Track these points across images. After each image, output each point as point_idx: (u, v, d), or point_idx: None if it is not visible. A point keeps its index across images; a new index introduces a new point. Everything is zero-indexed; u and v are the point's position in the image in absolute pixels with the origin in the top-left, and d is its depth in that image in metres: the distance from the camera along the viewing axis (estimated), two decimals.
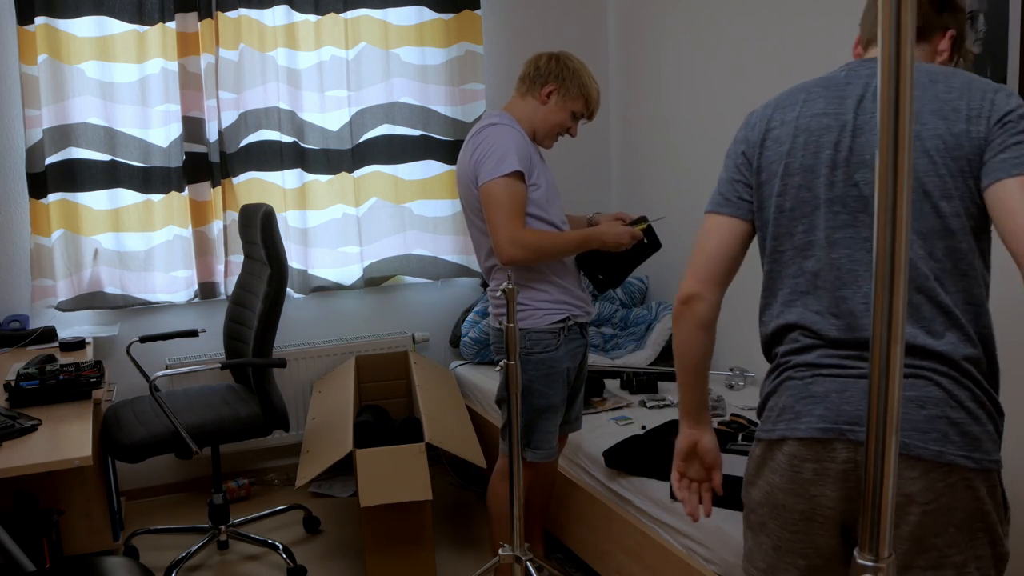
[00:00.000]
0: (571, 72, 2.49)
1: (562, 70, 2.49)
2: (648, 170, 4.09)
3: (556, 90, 2.49)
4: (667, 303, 3.86)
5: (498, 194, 2.35)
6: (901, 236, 0.81)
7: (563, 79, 2.49)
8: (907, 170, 0.80)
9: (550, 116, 2.51)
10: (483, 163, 2.37)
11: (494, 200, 2.35)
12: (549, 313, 2.47)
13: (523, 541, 2.48)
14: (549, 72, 2.49)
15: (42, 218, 3.47)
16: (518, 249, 2.35)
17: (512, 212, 2.35)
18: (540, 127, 2.52)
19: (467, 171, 2.45)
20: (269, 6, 3.67)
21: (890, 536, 0.88)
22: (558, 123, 2.52)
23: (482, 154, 2.38)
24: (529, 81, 2.52)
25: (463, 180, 2.49)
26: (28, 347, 3.36)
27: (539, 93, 2.50)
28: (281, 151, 3.76)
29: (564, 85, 2.49)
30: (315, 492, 3.81)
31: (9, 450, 2.23)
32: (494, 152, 2.36)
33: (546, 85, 2.49)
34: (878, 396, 0.85)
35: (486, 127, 2.43)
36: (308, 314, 3.96)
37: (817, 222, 1.49)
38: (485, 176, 2.36)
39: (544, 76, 2.49)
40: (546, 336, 2.46)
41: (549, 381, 2.49)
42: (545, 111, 2.51)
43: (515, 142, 2.38)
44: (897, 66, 0.78)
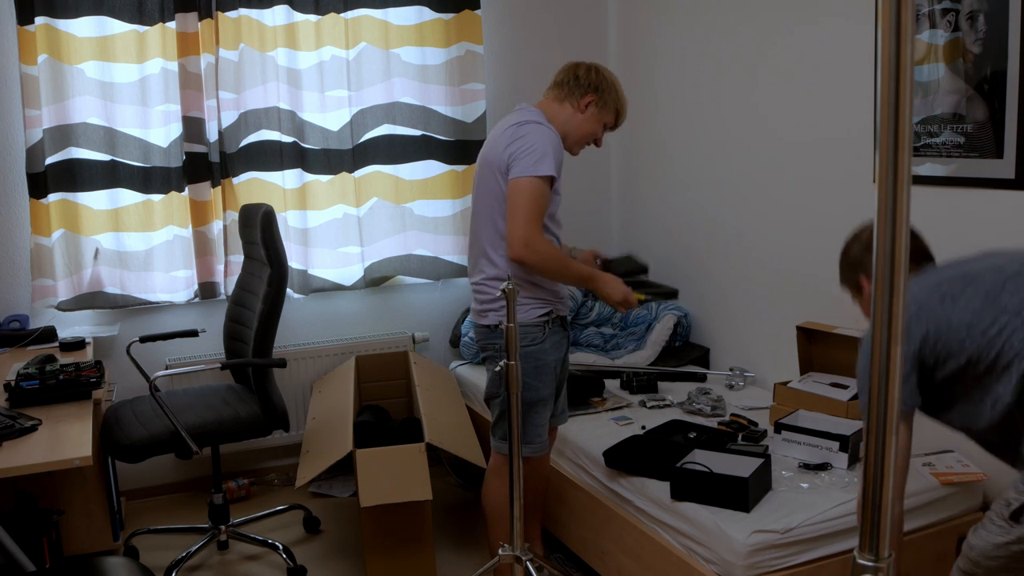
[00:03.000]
0: (609, 85, 2.58)
1: (601, 82, 2.57)
2: (647, 170, 4.09)
3: (594, 101, 2.58)
4: (667, 303, 3.86)
5: (527, 192, 2.39)
6: (901, 236, 0.81)
7: (602, 92, 2.57)
8: (907, 170, 0.80)
9: (584, 125, 2.58)
10: (521, 157, 2.41)
11: (521, 197, 2.40)
12: (534, 307, 2.52)
13: (523, 541, 2.48)
14: (589, 84, 2.57)
15: (42, 218, 3.47)
16: (528, 252, 2.40)
17: (534, 214, 2.40)
18: (573, 134, 2.58)
19: (497, 158, 2.47)
20: (269, 6, 3.67)
21: (890, 536, 0.88)
22: (590, 132, 2.60)
23: (522, 148, 2.42)
24: (568, 89, 2.58)
25: (488, 164, 2.51)
26: (28, 347, 3.35)
27: (578, 102, 2.57)
28: (281, 151, 3.76)
29: (602, 97, 2.58)
30: (315, 492, 3.81)
31: (9, 450, 2.23)
32: (535, 150, 2.40)
33: (586, 96, 2.57)
34: (878, 396, 0.85)
35: (529, 123, 2.46)
36: (308, 314, 3.96)
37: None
38: (520, 171, 2.40)
39: (584, 87, 2.57)
40: (532, 330, 2.51)
41: (538, 374, 2.53)
42: (581, 120, 2.58)
43: (554, 146, 2.44)
44: (897, 66, 0.78)
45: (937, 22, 2.54)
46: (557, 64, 4.18)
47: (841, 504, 2.31)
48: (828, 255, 3.05)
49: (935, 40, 2.55)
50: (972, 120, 2.47)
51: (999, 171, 2.40)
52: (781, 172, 3.24)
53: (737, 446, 2.67)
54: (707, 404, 3.10)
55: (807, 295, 3.17)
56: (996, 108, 2.39)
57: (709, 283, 3.72)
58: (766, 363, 3.42)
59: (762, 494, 2.37)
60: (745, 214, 3.46)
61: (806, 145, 3.11)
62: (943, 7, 2.51)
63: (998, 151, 2.40)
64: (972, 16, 2.44)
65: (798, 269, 3.20)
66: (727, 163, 3.53)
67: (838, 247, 2.99)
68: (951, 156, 2.55)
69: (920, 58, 2.61)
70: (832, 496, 2.35)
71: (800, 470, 2.54)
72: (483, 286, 2.57)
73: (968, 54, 2.46)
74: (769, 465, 2.43)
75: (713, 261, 3.68)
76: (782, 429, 2.66)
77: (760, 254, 3.39)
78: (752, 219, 3.42)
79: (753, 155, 3.38)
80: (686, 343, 3.79)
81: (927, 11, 2.56)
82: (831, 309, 3.05)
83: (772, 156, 3.28)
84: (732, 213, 3.53)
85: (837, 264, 2.21)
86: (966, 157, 2.50)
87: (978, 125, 2.46)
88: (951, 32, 2.50)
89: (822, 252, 3.08)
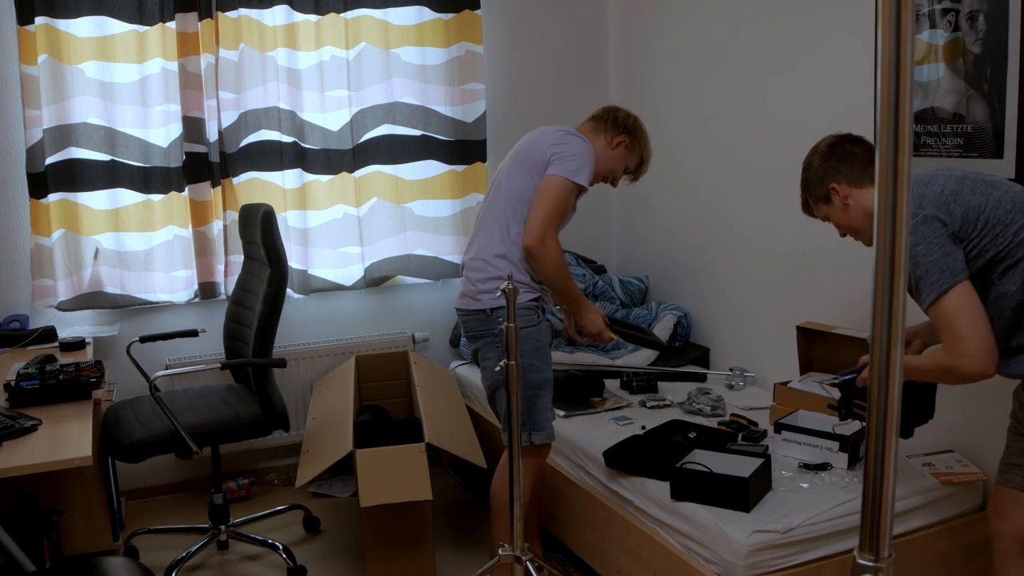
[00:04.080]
0: (642, 134, 2.77)
1: (636, 129, 2.75)
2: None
3: (625, 143, 2.74)
4: (667, 303, 3.86)
5: (559, 192, 2.54)
6: (901, 236, 0.81)
7: (635, 137, 2.75)
8: (907, 169, 0.80)
9: (610, 162, 2.73)
10: (564, 159, 2.56)
11: (553, 194, 2.54)
12: (525, 291, 2.62)
13: (524, 541, 2.48)
14: (625, 126, 2.74)
15: (42, 218, 3.47)
16: (540, 246, 2.53)
17: (556, 213, 2.55)
18: (598, 167, 2.71)
19: (539, 156, 2.60)
20: (269, 6, 3.67)
21: (889, 536, 0.88)
22: (613, 169, 2.76)
23: (566, 152, 2.57)
24: (606, 125, 2.74)
25: (526, 160, 2.62)
26: (28, 347, 3.35)
27: (612, 139, 2.72)
28: (281, 151, 3.76)
29: (634, 141, 2.75)
30: (315, 492, 3.81)
31: (9, 450, 2.23)
32: (578, 158, 2.57)
33: (620, 135, 2.73)
34: (878, 396, 0.85)
35: (575, 136, 2.63)
36: (308, 314, 3.96)
37: None
38: (559, 170, 2.55)
39: (621, 127, 2.73)
40: (528, 312, 2.61)
41: (540, 355, 2.62)
42: (608, 155, 2.73)
43: (592, 162, 2.61)
44: (897, 66, 0.78)
45: (937, 22, 2.54)
46: (557, 64, 4.22)
47: (841, 504, 2.31)
48: (828, 255, 3.05)
49: (935, 40, 2.55)
50: (972, 120, 2.47)
51: (999, 171, 2.40)
52: (781, 172, 3.24)
53: (737, 446, 2.67)
54: (707, 404, 3.10)
55: (807, 295, 3.17)
56: (996, 108, 2.39)
57: (709, 283, 3.72)
58: (766, 363, 3.42)
59: (762, 494, 2.37)
60: (745, 214, 3.46)
61: (806, 145, 3.10)
62: (943, 7, 2.51)
63: (998, 151, 2.40)
64: (972, 16, 2.44)
65: (798, 269, 3.20)
66: (727, 163, 3.53)
67: (838, 247, 2.99)
68: (951, 156, 2.55)
69: (920, 58, 2.61)
70: (832, 496, 2.35)
71: (800, 470, 2.54)
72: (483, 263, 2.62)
73: (968, 54, 2.46)
74: (769, 465, 2.43)
75: (713, 261, 3.68)
76: (782, 429, 2.66)
77: (760, 254, 3.39)
78: (752, 219, 3.42)
79: (753, 155, 3.38)
80: (686, 343, 3.79)
81: (927, 11, 2.56)
82: (831, 309, 3.05)
83: (772, 156, 3.28)
84: (732, 213, 3.53)
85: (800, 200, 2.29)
86: (966, 157, 2.50)
87: (978, 125, 2.46)
88: (951, 32, 2.50)
89: (822, 252, 3.08)
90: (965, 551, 2.48)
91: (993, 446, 2.53)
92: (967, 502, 2.51)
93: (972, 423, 2.59)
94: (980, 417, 2.57)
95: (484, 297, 2.60)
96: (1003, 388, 2.48)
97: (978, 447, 2.58)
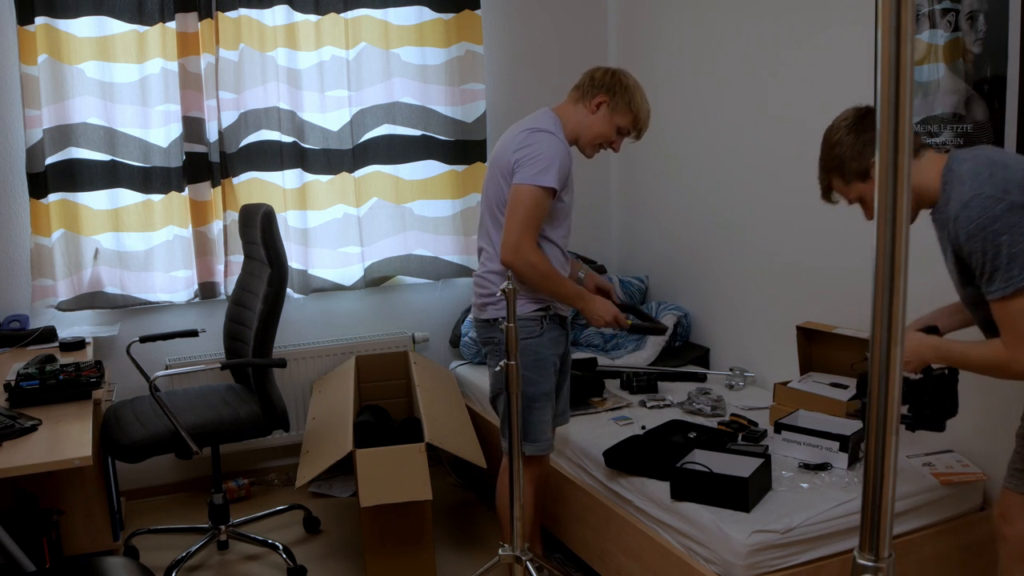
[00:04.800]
0: (623, 88, 2.56)
1: (615, 84, 2.56)
2: (647, 169, 4.09)
3: (606, 102, 2.56)
4: (667, 303, 3.86)
5: (526, 201, 2.42)
6: (901, 236, 0.81)
7: (614, 92, 2.56)
8: (907, 170, 0.80)
9: (595, 126, 2.57)
10: (525, 165, 2.44)
11: (520, 204, 2.43)
12: (530, 301, 2.55)
13: (524, 541, 2.48)
14: (603, 84, 2.56)
15: (42, 218, 3.47)
16: (516, 259, 2.43)
17: (529, 223, 2.43)
18: (584, 135, 2.58)
19: (504, 162, 2.51)
20: (269, 6, 3.67)
21: (890, 536, 0.88)
22: (602, 134, 2.58)
23: (527, 156, 2.45)
24: (583, 90, 2.59)
25: (496, 167, 2.55)
26: (28, 347, 3.35)
27: (590, 103, 2.57)
28: (281, 151, 3.76)
29: (614, 99, 2.55)
30: (315, 492, 3.81)
31: (9, 450, 2.23)
32: (540, 160, 2.43)
33: (597, 96, 2.56)
34: (878, 396, 0.85)
35: (540, 131, 2.48)
36: (308, 314, 3.96)
37: None
38: (522, 178, 2.43)
39: (597, 87, 2.56)
40: (529, 323, 2.54)
41: (537, 368, 2.55)
42: (591, 120, 2.57)
43: (560, 157, 2.46)
44: (897, 66, 0.78)
45: (937, 22, 2.54)
46: (557, 64, 4.21)
47: (841, 504, 2.31)
48: (828, 255, 3.05)
49: (935, 40, 2.55)
50: (972, 120, 2.47)
51: None
52: (781, 171, 3.24)
53: (737, 446, 2.67)
54: (707, 404, 3.10)
55: (807, 295, 3.17)
56: (996, 108, 2.39)
57: (709, 283, 3.72)
58: (766, 363, 3.42)
59: (762, 494, 2.37)
60: (745, 214, 3.46)
61: (806, 145, 3.11)
62: (943, 7, 2.51)
63: None
64: (972, 16, 2.44)
65: (798, 269, 3.20)
66: (727, 163, 3.53)
67: (838, 247, 2.99)
68: None
69: (920, 58, 2.61)
70: (832, 496, 2.35)
71: (800, 470, 2.54)
72: (483, 279, 2.60)
73: (968, 54, 2.46)
74: (769, 465, 2.43)
75: (713, 261, 3.68)
76: (782, 429, 2.66)
77: (760, 254, 3.39)
78: (752, 219, 3.42)
79: (753, 155, 3.38)
80: (686, 343, 3.79)
81: (927, 11, 2.56)
82: (831, 309, 3.05)
83: (772, 155, 3.28)
84: (732, 213, 3.53)
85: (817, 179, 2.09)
86: None
87: (978, 125, 2.46)
88: (951, 32, 2.50)
89: (822, 252, 3.08)
90: (965, 551, 2.48)
91: (993, 446, 2.53)
92: (967, 502, 2.51)
93: (972, 423, 2.59)
94: (980, 417, 2.57)
95: (489, 308, 2.59)
96: (1003, 388, 2.48)
97: (978, 447, 2.58)
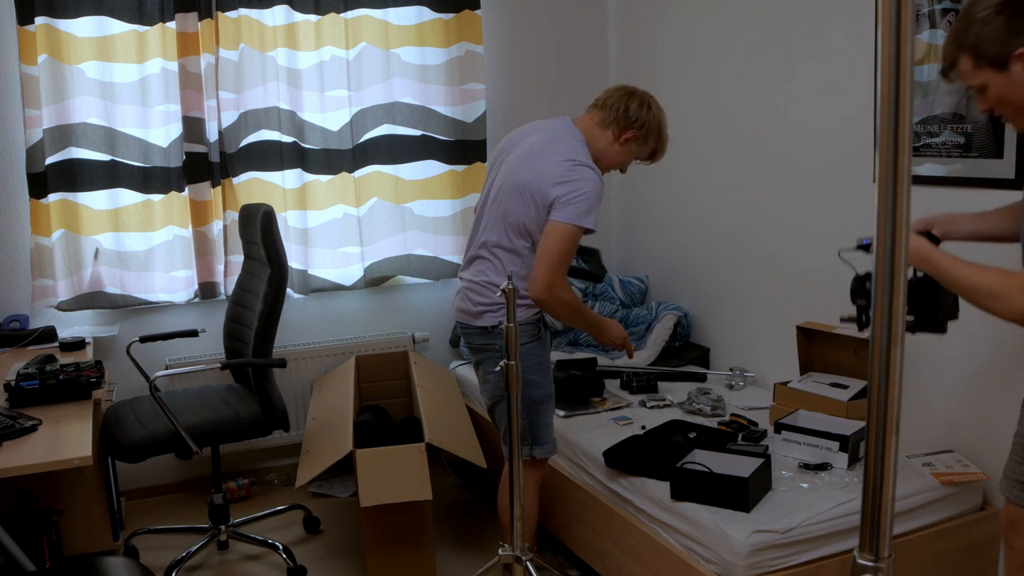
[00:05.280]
0: (655, 125, 2.55)
1: (649, 120, 2.53)
2: (647, 170, 4.08)
3: (636, 138, 2.54)
4: (667, 303, 3.86)
5: (566, 239, 2.40)
6: (901, 236, 0.81)
7: (647, 130, 2.54)
8: (907, 170, 0.80)
9: (617, 156, 2.57)
10: (571, 203, 2.39)
11: (559, 242, 2.40)
12: (528, 307, 2.55)
13: (524, 541, 2.48)
14: (636, 119, 2.52)
15: (42, 218, 3.47)
16: (549, 296, 2.42)
17: (564, 260, 2.42)
18: (605, 162, 2.58)
19: (541, 193, 2.44)
20: (269, 6, 3.67)
21: (890, 536, 0.88)
22: (620, 163, 2.60)
23: (574, 194, 2.40)
24: (614, 117, 2.53)
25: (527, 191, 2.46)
26: (28, 347, 3.35)
27: (620, 134, 2.54)
28: (281, 151, 3.76)
29: (644, 135, 2.55)
30: (315, 492, 3.81)
31: (9, 450, 2.23)
32: (585, 200, 2.40)
33: (629, 131, 2.53)
34: (878, 396, 0.85)
35: (582, 166, 2.43)
36: (308, 314, 3.96)
37: None
38: (566, 216, 2.39)
39: (632, 122, 2.52)
40: (530, 327, 2.55)
41: (541, 370, 2.58)
42: (615, 151, 2.56)
43: (599, 197, 2.44)
44: (897, 66, 0.78)
45: (937, 22, 2.54)
46: (557, 64, 4.21)
47: (841, 504, 2.31)
48: (828, 255, 3.05)
49: (935, 40, 2.55)
50: (972, 120, 2.47)
51: (999, 171, 2.40)
52: (781, 172, 3.24)
53: (737, 446, 2.67)
54: (707, 404, 3.10)
55: (807, 295, 3.17)
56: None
57: (709, 283, 3.72)
58: (766, 363, 3.42)
59: (762, 494, 2.37)
60: (745, 214, 3.46)
61: (806, 145, 3.11)
62: (943, 7, 2.51)
63: (998, 151, 2.40)
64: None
65: (798, 269, 3.20)
66: (727, 163, 3.53)
67: (838, 247, 2.99)
68: (951, 156, 2.55)
69: (920, 58, 2.61)
70: (832, 496, 2.35)
71: (800, 470, 2.54)
72: (482, 288, 2.56)
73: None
74: (769, 465, 2.43)
75: (713, 261, 3.68)
76: (782, 429, 2.66)
77: (760, 254, 3.39)
78: (752, 219, 3.42)
79: (753, 155, 3.38)
80: (686, 343, 3.79)
81: (927, 11, 2.56)
82: (831, 309, 3.05)
83: (772, 156, 3.28)
84: (732, 213, 3.53)
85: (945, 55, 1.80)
86: (966, 157, 2.50)
87: (978, 125, 2.46)
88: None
89: (822, 252, 3.08)
90: (965, 551, 2.48)
91: (993, 446, 2.53)
92: (967, 502, 2.51)
93: (972, 423, 2.59)
94: (980, 417, 2.57)
95: (487, 316, 2.55)
96: (1003, 389, 2.48)
97: (978, 447, 2.58)
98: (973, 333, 2.55)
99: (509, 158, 2.58)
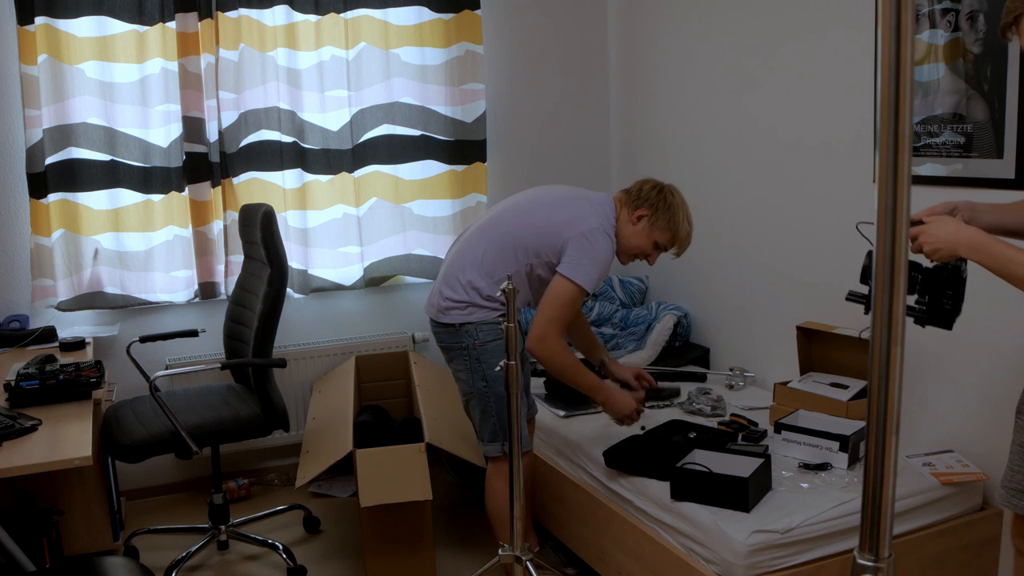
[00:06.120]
0: (666, 206, 2.60)
1: (660, 202, 2.60)
2: (647, 171, 4.08)
3: (647, 217, 2.60)
4: (667, 303, 3.86)
5: (566, 296, 2.50)
6: (901, 236, 0.81)
7: (656, 209, 2.60)
8: (907, 170, 0.80)
9: (632, 237, 2.62)
10: (581, 261, 2.50)
11: (560, 297, 2.50)
12: (494, 310, 2.62)
13: (523, 541, 2.48)
14: (647, 199, 2.61)
15: (42, 218, 3.47)
16: (541, 348, 2.51)
17: (562, 317, 2.51)
18: (622, 243, 2.64)
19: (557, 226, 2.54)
20: (269, 6, 3.67)
21: (890, 536, 0.88)
22: (638, 246, 2.63)
23: (584, 250, 2.50)
24: (631, 197, 2.64)
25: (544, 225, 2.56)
26: (28, 347, 3.35)
27: (632, 213, 2.62)
28: (281, 151, 3.76)
29: (655, 215, 2.60)
30: (315, 492, 3.81)
31: (9, 450, 2.23)
32: (593, 262, 2.50)
33: (640, 208, 2.61)
34: (878, 396, 0.85)
35: (602, 231, 2.53)
36: (308, 314, 3.96)
37: None
38: (572, 272, 2.50)
39: (642, 201, 2.61)
40: (497, 326, 2.63)
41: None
42: (630, 231, 2.62)
43: (607, 265, 2.53)
44: (897, 66, 0.78)
45: (937, 22, 2.54)
46: (557, 64, 4.21)
47: (841, 504, 2.31)
48: (828, 255, 3.05)
49: (935, 40, 2.55)
50: (972, 120, 2.47)
51: (999, 171, 2.40)
52: (781, 172, 3.24)
53: (737, 446, 2.67)
54: (707, 404, 3.10)
55: (807, 295, 3.17)
56: (996, 108, 2.39)
57: (709, 283, 3.72)
58: (766, 363, 3.42)
59: (762, 494, 2.37)
60: (745, 214, 3.46)
61: (806, 145, 3.11)
62: (943, 7, 2.51)
63: (998, 151, 2.40)
64: (972, 16, 2.44)
65: (798, 269, 3.20)
66: (727, 163, 3.53)
67: (838, 247, 2.99)
68: (951, 156, 2.55)
69: (920, 58, 2.61)
70: (832, 496, 2.35)
71: (800, 470, 2.54)
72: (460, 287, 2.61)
73: (968, 54, 2.46)
74: (769, 465, 2.43)
75: (713, 261, 3.68)
76: (782, 429, 2.66)
77: (760, 254, 3.39)
78: (752, 219, 3.42)
79: (753, 155, 3.38)
80: (686, 343, 3.79)
81: (927, 11, 2.56)
82: (831, 309, 3.05)
83: (772, 156, 3.28)
84: (732, 213, 3.53)
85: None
86: (966, 157, 2.50)
87: (978, 125, 2.46)
88: (951, 32, 2.50)
89: (822, 252, 3.08)
90: (965, 551, 2.48)
91: (993, 446, 2.53)
92: (967, 502, 2.51)
93: (972, 423, 2.59)
94: (980, 417, 2.57)
95: (453, 312, 2.61)
96: (1003, 389, 2.48)
97: (978, 447, 2.58)
98: (973, 333, 2.55)
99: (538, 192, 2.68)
